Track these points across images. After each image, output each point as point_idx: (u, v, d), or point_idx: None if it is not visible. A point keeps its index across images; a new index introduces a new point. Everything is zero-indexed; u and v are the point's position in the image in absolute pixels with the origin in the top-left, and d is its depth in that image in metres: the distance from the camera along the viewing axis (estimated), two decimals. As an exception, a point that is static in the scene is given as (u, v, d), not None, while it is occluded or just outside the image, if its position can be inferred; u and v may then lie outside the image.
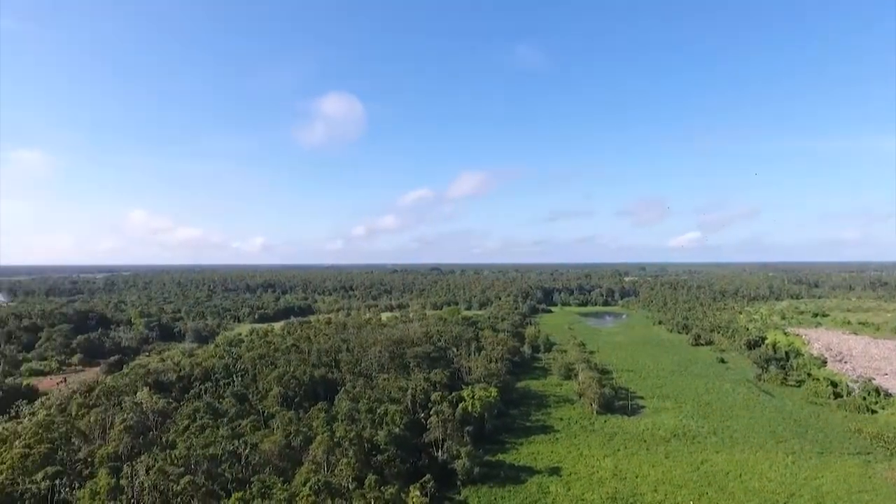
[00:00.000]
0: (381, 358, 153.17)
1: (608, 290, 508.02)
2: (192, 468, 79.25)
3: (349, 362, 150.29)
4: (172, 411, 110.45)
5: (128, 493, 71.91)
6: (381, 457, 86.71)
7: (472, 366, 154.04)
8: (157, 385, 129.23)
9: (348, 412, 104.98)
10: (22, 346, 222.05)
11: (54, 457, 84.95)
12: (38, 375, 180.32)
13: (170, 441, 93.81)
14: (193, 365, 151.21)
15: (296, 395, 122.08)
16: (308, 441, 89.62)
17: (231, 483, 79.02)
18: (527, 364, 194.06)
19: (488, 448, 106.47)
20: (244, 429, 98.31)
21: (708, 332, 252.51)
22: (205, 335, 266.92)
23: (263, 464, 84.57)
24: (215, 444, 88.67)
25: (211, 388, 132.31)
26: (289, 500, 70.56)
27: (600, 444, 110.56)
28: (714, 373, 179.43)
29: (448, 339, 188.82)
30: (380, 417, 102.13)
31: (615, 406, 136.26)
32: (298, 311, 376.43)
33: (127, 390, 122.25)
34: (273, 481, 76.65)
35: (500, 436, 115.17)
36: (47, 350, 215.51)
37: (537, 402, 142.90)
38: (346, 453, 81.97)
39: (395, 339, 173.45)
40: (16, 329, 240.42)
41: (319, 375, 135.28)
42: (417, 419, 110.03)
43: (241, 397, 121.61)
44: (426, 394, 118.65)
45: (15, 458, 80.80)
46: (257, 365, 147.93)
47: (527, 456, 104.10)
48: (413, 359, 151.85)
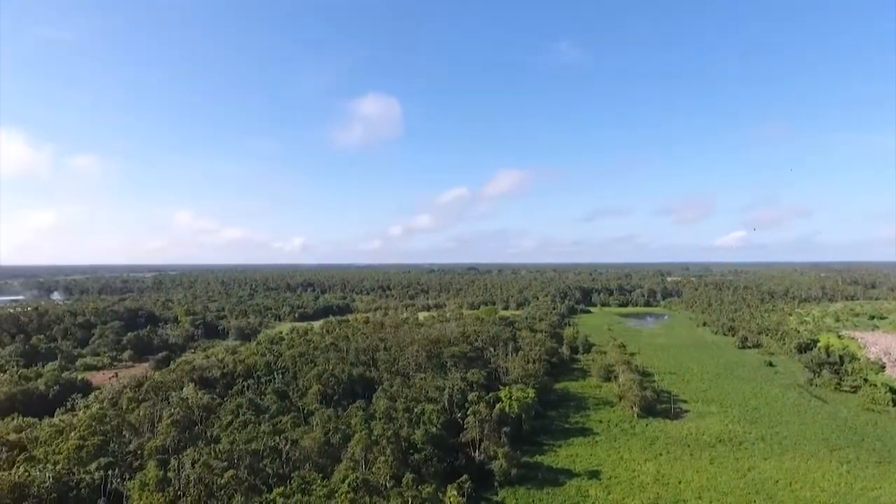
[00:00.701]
0: (417, 357, 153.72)
1: (649, 290, 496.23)
2: (235, 462, 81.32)
3: (386, 361, 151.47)
4: (216, 407, 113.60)
5: (175, 486, 74.24)
6: (418, 456, 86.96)
7: (510, 366, 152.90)
8: (202, 381, 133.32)
9: (386, 411, 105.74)
10: (77, 342, 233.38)
11: (107, 448, 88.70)
12: (91, 370, 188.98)
13: (214, 436, 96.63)
14: (236, 362, 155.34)
15: (334, 392, 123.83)
16: (346, 438, 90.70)
17: (272, 478, 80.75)
18: (565, 365, 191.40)
19: (526, 449, 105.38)
20: (285, 425, 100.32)
21: (755, 334, 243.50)
22: (247, 333, 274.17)
23: (303, 460, 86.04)
24: (257, 439, 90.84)
25: (253, 384, 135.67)
26: (328, 496, 71.55)
27: (641, 447, 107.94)
28: (762, 376, 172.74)
29: (485, 339, 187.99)
30: (417, 416, 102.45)
31: (657, 409, 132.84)
32: (337, 310, 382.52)
33: (174, 386, 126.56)
34: (313, 477, 77.90)
35: (537, 437, 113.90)
36: (100, 346, 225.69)
37: (576, 404, 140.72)
38: (383, 451, 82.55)
39: (432, 339, 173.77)
40: (71, 326, 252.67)
41: (357, 374, 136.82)
42: (454, 419, 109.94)
43: (282, 394, 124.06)
44: (463, 394, 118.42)
45: (71, 449, 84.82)
46: (297, 363, 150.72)
47: (565, 458, 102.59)
48: (450, 358, 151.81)
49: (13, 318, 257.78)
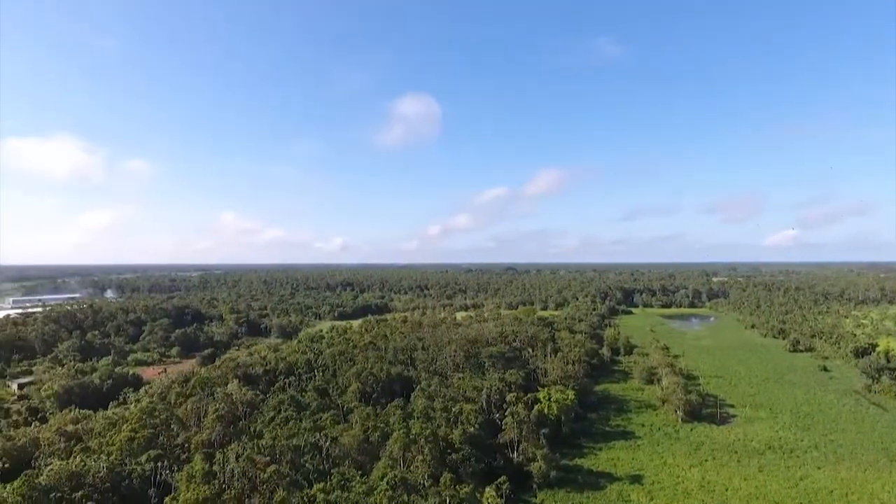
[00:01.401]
0: (455, 357, 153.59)
1: (694, 291, 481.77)
2: (277, 458, 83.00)
3: (424, 361, 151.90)
4: (259, 403, 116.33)
5: (220, 479, 76.33)
6: (455, 455, 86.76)
7: (548, 367, 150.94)
8: (246, 377, 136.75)
9: (424, 410, 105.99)
10: (129, 338, 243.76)
11: (156, 441, 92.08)
12: (142, 365, 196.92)
13: (257, 431, 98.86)
14: (278, 359, 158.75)
15: (373, 391, 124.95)
16: (385, 437, 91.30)
17: (312, 474, 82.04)
18: (606, 367, 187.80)
19: (565, 452, 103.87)
20: (325, 422, 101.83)
21: (808, 337, 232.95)
22: (288, 331, 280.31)
23: (343, 457, 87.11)
24: (298, 435, 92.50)
25: (294, 381, 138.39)
26: (367, 493, 72.15)
27: (686, 453, 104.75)
28: (815, 381, 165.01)
29: (523, 339, 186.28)
30: (455, 416, 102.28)
31: (702, 414, 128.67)
32: (375, 310, 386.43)
33: (219, 382, 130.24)
34: (352, 474, 78.75)
35: (577, 440, 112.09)
36: (150, 342, 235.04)
37: (617, 407, 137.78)
38: (421, 450, 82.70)
39: (470, 339, 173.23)
40: (123, 323, 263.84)
41: (396, 373, 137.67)
42: (492, 419, 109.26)
43: (322, 392, 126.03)
44: (501, 394, 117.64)
45: (123, 441, 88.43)
46: (337, 361, 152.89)
47: (606, 462, 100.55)
48: (488, 358, 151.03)
49: (71, 314, 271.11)
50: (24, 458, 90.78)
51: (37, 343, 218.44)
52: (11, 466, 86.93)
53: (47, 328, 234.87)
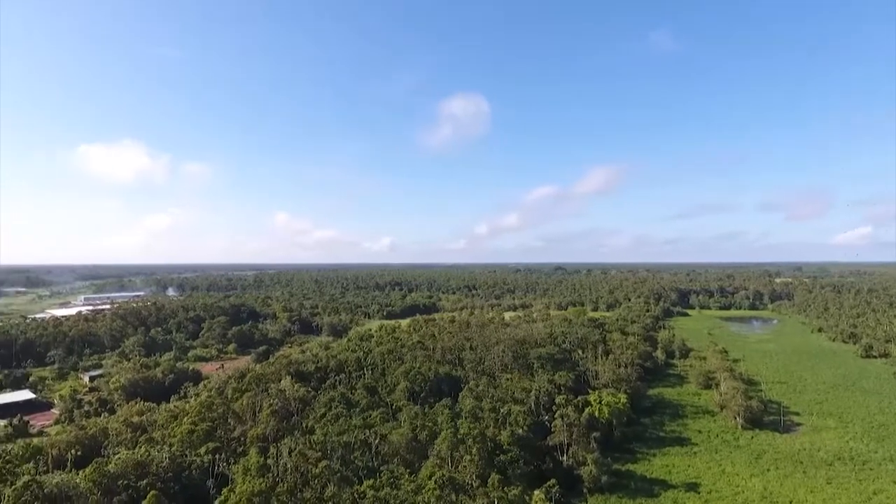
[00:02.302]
0: (504, 357, 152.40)
1: (755, 292, 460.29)
2: (328, 453, 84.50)
3: (472, 361, 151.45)
4: (311, 399, 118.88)
5: (273, 472, 78.41)
6: (504, 457, 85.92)
7: (599, 370, 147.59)
8: (298, 374, 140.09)
9: (472, 410, 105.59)
10: (189, 335, 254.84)
11: (214, 434, 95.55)
12: (201, 361, 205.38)
13: (309, 427, 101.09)
14: (329, 357, 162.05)
15: (421, 390, 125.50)
16: (433, 436, 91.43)
17: (362, 470, 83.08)
18: (660, 370, 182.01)
19: (617, 457, 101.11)
20: (374, 420, 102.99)
21: (882, 342, 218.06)
22: (339, 329, 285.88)
23: (392, 454, 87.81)
24: (348, 432, 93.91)
25: (344, 379, 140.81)
26: (415, 491, 72.39)
27: (746, 461, 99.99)
28: (890, 390, 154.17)
29: (573, 340, 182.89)
30: (503, 417, 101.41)
31: (764, 421, 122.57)
32: (423, 309, 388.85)
33: (273, 378, 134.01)
34: (401, 472, 79.27)
35: (629, 445, 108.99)
36: (208, 339, 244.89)
37: (672, 412, 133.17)
38: (469, 451, 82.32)
39: (519, 339, 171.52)
40: (184, 320, 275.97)
41: (444, 372, 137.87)
42: (541, 421, 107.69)
43: (372, 390, 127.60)
44: (550, 396, 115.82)
45: (184, 433, 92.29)
46: (386, 360, 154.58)
47: (660, 468, 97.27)
48: (536, 360, 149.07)
49: (136, 311, 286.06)
50: (94, 446, 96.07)
51: (106, 338, 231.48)
52: (83, 454, 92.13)
53: (115, 324, 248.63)
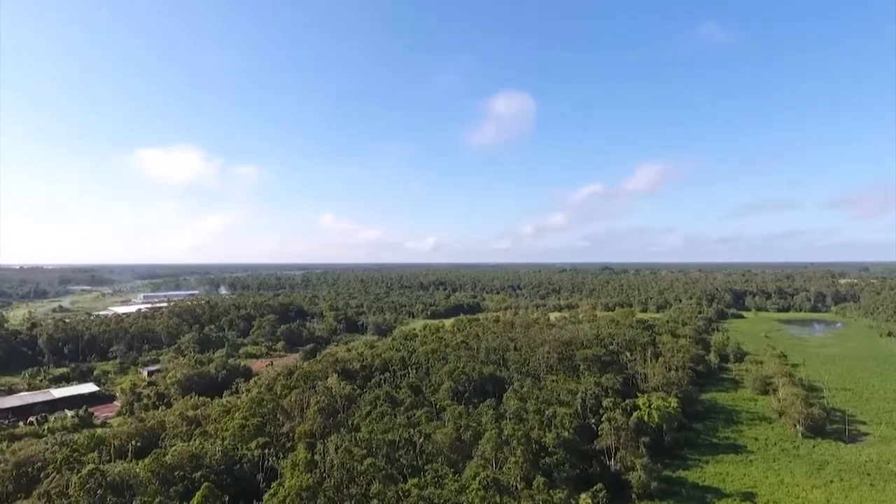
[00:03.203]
0: (549, 359, 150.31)
1: (817, 293, 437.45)
2: (374, 451, 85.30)
3: (517, 361, 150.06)
4: (357, 397, 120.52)
5: (321, 468, 79.84)
6: (549, 459, 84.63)
7: (649, 372, 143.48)
8: (344, 372, 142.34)
9: (516, 411, 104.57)
10: (240, 332, 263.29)
11: (264, 429, 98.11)
12: (251, 358, 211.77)
13: (355, 424, 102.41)
14: (374, 356, 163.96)
15: (465, 390, 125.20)
16: (477, 436, 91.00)
17: (407, 468, 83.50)
18: (713, 374, 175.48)
19: (667, 462, 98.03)
20: (419, 419, 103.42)
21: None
22: (384, 329, 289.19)
23: (436, 454, 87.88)
24: (393, 430, 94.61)
25: (389, 378, 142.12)
26: (459, 491, 72.13)
27: (807, 472, 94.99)
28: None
29: (621, 342, 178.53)
30: (548, 419, 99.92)
31: (827, 430, 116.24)
32: (467, 309, 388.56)
33: (320, 375, 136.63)
34: (445, 472, 79.20)
35: (680, 451, 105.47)
36: (258, 336, 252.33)
37: (726, 418, 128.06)
38: (514, 452, 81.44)
39: (564, 340, 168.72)
40: (235, 318, 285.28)
41: (488, 372, 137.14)
42: (587, 424, 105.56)
43: (416, 389, 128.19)
44: (597, 399, 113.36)
45: (235, 428, 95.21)
46: (430, 359, 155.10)
47: (713, 476, 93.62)
48: (583, 361, 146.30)
49: (190, 309, 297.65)
50: (152, 438, 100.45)
51: (163, 335, 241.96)
52: (143, 445, 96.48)
53: (171, 321, 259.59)
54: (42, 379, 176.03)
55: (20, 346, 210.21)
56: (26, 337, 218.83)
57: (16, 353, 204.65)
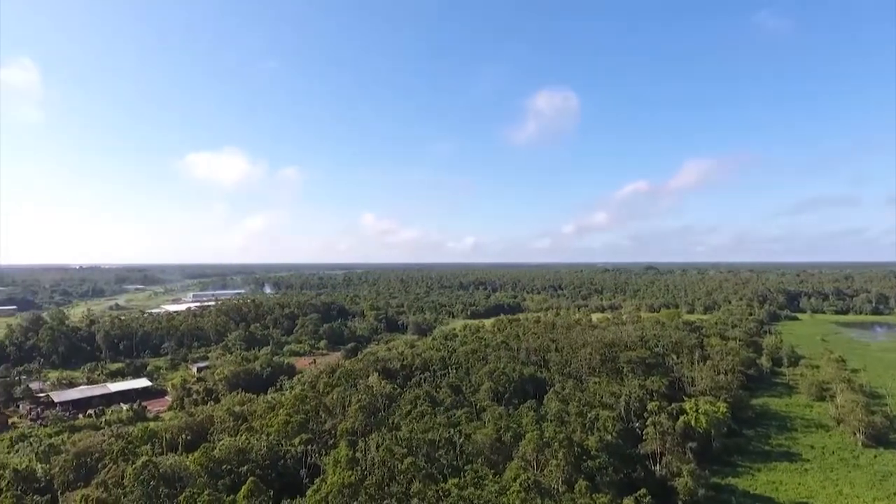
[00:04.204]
0: (591, 360, 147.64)
1: (879, 295, 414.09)
2: (414, 450, 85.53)
3: (558, 363, 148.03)
4: (397, 396, 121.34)
5: (362, 465, 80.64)
6: (591, 463, 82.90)
7: (696, 376, 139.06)
8: (385, 371, 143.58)
9: (557, 413, 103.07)
10: (284, 331, 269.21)
11: (307, 426, 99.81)
12: (295, 356, 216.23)
13: (395, 423, 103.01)
14: (414, 356, 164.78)
15: (505, 391, 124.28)
16: (518, 438, 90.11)
17: (447, 468, 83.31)
18: (765, 379, 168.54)
19: (716, 469, 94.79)
20: (459, 419, 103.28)
21: None
22: (424, 328, 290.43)
23: (476, 454, 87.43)
24: (433, 430, 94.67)
25: (429, 377, 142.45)
26: (499, 493, 71.41)
27: (867, 483, 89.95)
28: None
29: (666, 344, 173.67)
30: (590, 422, 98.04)
31: (890, 439, 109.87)
32: (508, 309, 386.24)
33: (361, 374, 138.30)
34: (485, 472, 78.63)
35: (730, 457, 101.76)
36: (301, 335, 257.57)
37: (779, 424, 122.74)
38: (555, 455, 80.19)
39: (607, 342, 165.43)
40: (280, 316, 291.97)
41: (528, 374, 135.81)
42: (631, 428, 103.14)
43: (456, 389, 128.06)
44: (641, 402, 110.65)
45: (280, 424, 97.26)
46: (470, 359, 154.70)
47: (765, 484, 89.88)
48: (626, 364, 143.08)
49: (237, 308, 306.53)
50: (201, 432, 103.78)
51: (211, 332, 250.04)
52: (192, 438, 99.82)
53: (219, 320, 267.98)
54: (99, 373, 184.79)
55: (80, 342, 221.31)
56: (85, 333, 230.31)
57: (76, 348, 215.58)
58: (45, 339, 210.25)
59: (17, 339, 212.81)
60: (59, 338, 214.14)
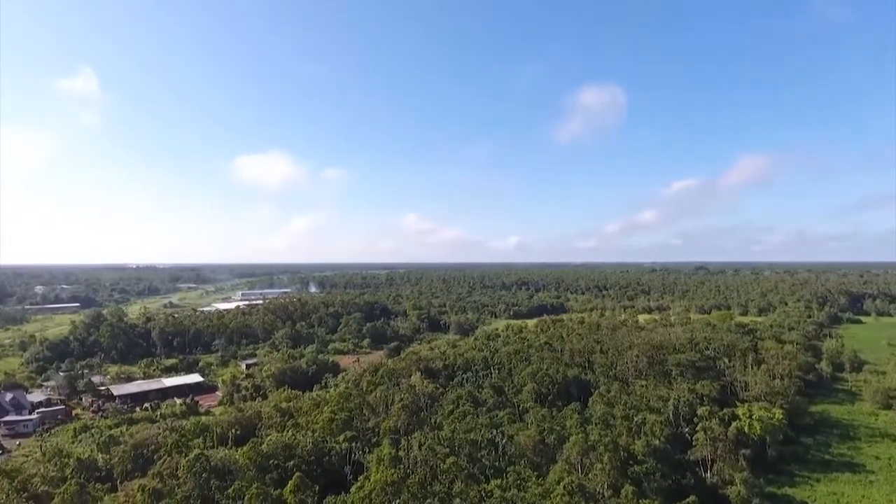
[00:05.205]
0: (638, 363, 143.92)
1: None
2: (456, 450, 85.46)
3: (603, 365, 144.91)
4: (439, 395, 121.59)
5: (405, 464, 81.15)
6: (638, 468, 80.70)
7: (750, 381, 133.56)
8: (427, 371, 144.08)
9: (603, 416, 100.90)
10: (328, 329, 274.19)
11: (351, 423, 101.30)
12: (339, 354, 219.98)
13: (437, 422, 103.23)
14: (456, 355, 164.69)
15: (549, 392, 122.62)
16: (561, 440, 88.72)
17: (489, 469, 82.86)
18: (825, 385, 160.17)
19: (771, 478, 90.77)
20: (501, 420, 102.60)
21: None
22: (466, 328, 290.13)
23: (518, 456, 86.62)
24: (475, 430, 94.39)
25: (471, 377, 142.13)
26: (543, 496, 70.46)
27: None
28: None
29: (718, 347, 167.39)
30: (637, 426, 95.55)
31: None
32: (551, 310, 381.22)
33: (403, 373, 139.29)
34: (528, 474, 77.81)
35: (787, 466, 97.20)
36: (345, 333, 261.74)
37: (841, 433, 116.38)
38: (600, 458, 78.46)
39: (655, 344, 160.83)
40: (324, 315, 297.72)
41: (572, 375, 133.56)
42: (680, 433, 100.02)
43: (498, 389, 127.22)
44: (691, 406, 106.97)
45: (324, 421, 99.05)
46: (512, 360, 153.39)
47: (826, 496, 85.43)
48: (675, 367, 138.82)
49: (283, 306, 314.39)
50: (250, 427, 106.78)
51: (259, 330, 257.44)
52: (241, 433, 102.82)
53: (266, 318, 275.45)
54: (155, 369, 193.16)
55: (137, 338, 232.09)
56: (142, 330, 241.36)
57: (133, 344, 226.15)
58: (105, 335, 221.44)
59: (80, 334, 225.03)
60: (118, 334, 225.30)
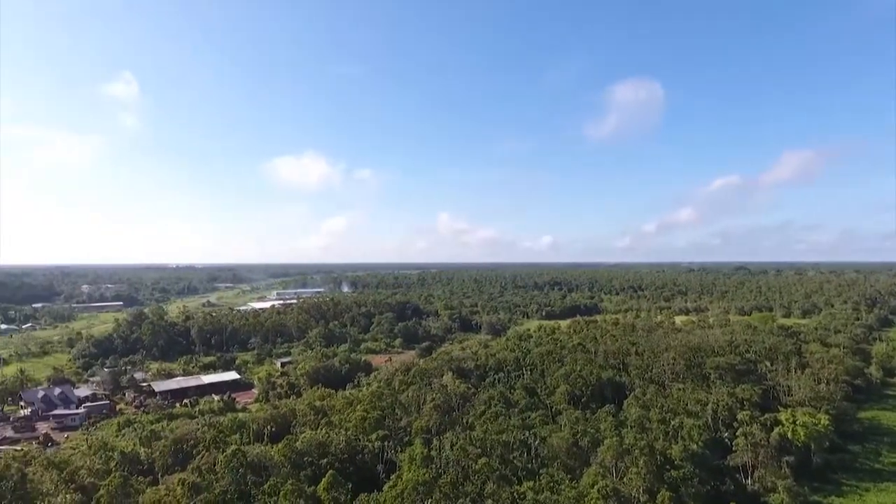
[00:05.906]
0: (674, 365, 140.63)
1: None
2: (488, 451, 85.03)
3: (639, 367, 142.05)
4: (471, 396, 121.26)
5: (436, 464, 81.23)
6: (675, 473, 78.70)
7: (793, 385, 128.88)
8: (459, 371, 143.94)
9: (638, 419, 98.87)
10: (361, 329, 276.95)
11: (383, 422, 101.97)
12: (371, 353, 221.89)
13: (469, 423, 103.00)
14: (488, 356, 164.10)
15: (582, 394, 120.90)
16: (595, 443, 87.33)
17: (521, 471, 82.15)
18: (875, 390, 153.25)
19: (816, 486, 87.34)
20: (533, 421, 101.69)
21: None
22: (498, 328, 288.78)
23: (551, 458, 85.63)
24: (507, 431, 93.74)
25: (503, 378, 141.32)
26: (576, 499, 69.45)
27: None
28: None
29: (759, 350, 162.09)
30: (674, 430, 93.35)
31: None
32: (584, 310, 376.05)
33: (435, 373, 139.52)
34: (561, 477, 76.83)
35: (833, 474, 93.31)
36: (378, 333, 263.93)
37: (892, 441, 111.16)
38: (635, 462, 76.89)
39: (692, 346, 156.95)
40: (357, 314, 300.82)
41: (607, 377, 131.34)
42: (719, 438, 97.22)
43: (531, 390, 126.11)
44: (730, 411, 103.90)
45: (357, 419, 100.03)
46: (545, 361, 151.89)
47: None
48: (714, 370, 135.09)
49: (317, 306, 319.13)
50: (285, 424, 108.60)
51: (293, 329, 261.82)
52: (276, 430, 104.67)
53: (300, 317, 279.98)
54: (194, 366, 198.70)
55: (176, 336, 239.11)
56: (181, 328, 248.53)
57: (173, 342, 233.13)
58: (146, 332, 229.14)
59: (123, 332, 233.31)
60: (159, 332, 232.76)
